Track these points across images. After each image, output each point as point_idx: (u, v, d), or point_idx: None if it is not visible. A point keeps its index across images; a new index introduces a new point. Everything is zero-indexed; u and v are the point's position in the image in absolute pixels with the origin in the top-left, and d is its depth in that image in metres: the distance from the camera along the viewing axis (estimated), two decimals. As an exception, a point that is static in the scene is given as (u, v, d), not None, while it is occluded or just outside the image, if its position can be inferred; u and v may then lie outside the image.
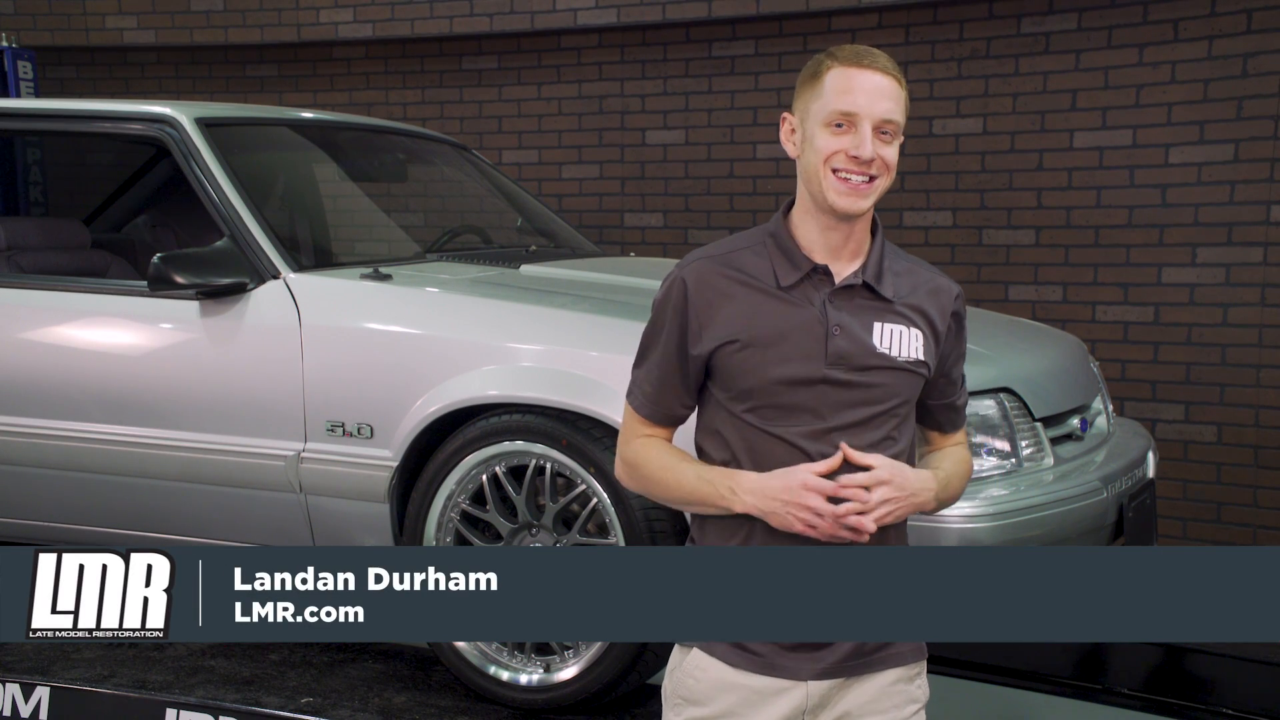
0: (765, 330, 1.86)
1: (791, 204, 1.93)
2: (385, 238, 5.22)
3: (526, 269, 3.58)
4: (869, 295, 1.89)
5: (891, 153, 1.85)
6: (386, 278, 3.28)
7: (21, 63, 5.85)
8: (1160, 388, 5.01)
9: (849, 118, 1.82)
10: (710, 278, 1.90)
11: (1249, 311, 4.82)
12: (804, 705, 1.89)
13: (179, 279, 3.21)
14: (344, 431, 3.14)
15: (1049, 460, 2.98)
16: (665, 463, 1.93)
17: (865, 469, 1.82)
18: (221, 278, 3.24)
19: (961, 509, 2.67)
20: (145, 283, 3.33)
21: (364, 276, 3.28)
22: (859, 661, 1.89)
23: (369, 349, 3.14)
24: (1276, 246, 4.77)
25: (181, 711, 3.09)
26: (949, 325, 1.95)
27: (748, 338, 1.86)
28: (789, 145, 1.92)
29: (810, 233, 1.89)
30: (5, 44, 5.84)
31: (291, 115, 4.27)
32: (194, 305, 3.30)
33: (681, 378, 1.93)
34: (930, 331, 1.91)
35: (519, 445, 2.95)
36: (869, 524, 1.81)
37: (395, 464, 3.08)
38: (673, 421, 1.99)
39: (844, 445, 1.83)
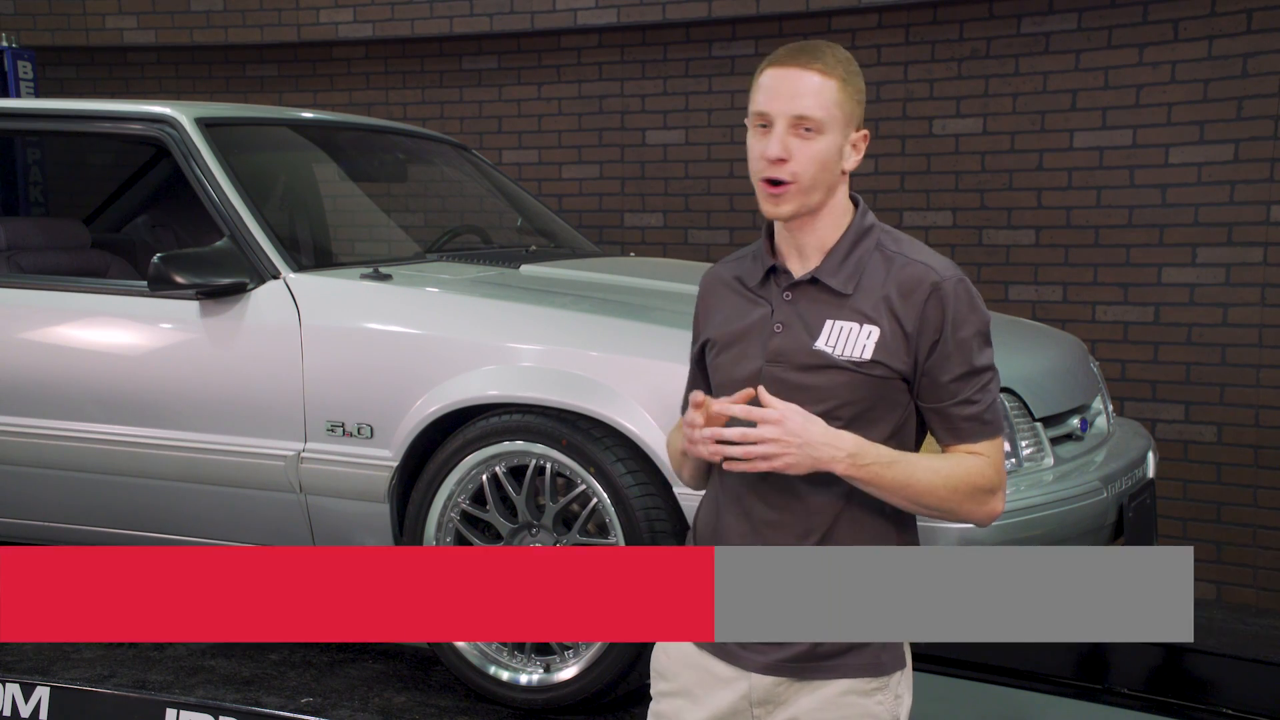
0: (730, 330, 1.92)
1: None
2: (385, 238, 5.22)
3: (526, 269, 3.58)
4: (825, 292, 1.86)
5: (811, 151, 1.79)
6: (386, 278, 3.28)
7: (21, 63, 5.84)
8: (1160, 388, 5.01)
9: (765, 117, 1.81)
10: (712, 282, 2.01)
11: (1249, 311, 4.82)
12: (749, 696, 1.90)
13: (179, 279, 3.21)
14: (344, 431, 3.14)
15: (1049, 460, 2.98)
16: (671, 436, 2.06)
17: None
18: (221, 278, 3.24)
19: (961, 509, 2.67)
20: (145, 283, 3.33)
21: (364, 276, 3.29)
22: (807, 665, 1.87)
23: (369, 349, 3.14)
24: (1276, 246, 4.77)
25: (181, 711, 3.09)
26: (925, 320, 1.82)
27: (717, 337, 1.95)
28: None
29: (778, 235, 1.92)
30: (5, 44, 5.84)
31: (291, 115, 4.27)
32: (194, 305, 3.30)
33: (703, 375, 2.02)
34: (895, 328, 1.82)
35: (519, 445, 2.95)
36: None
37: (395, 464, 3.08)
38: None
39: (759, 388, 1.79)
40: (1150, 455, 3.42)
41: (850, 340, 1.83)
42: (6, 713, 3.22)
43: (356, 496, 3.14)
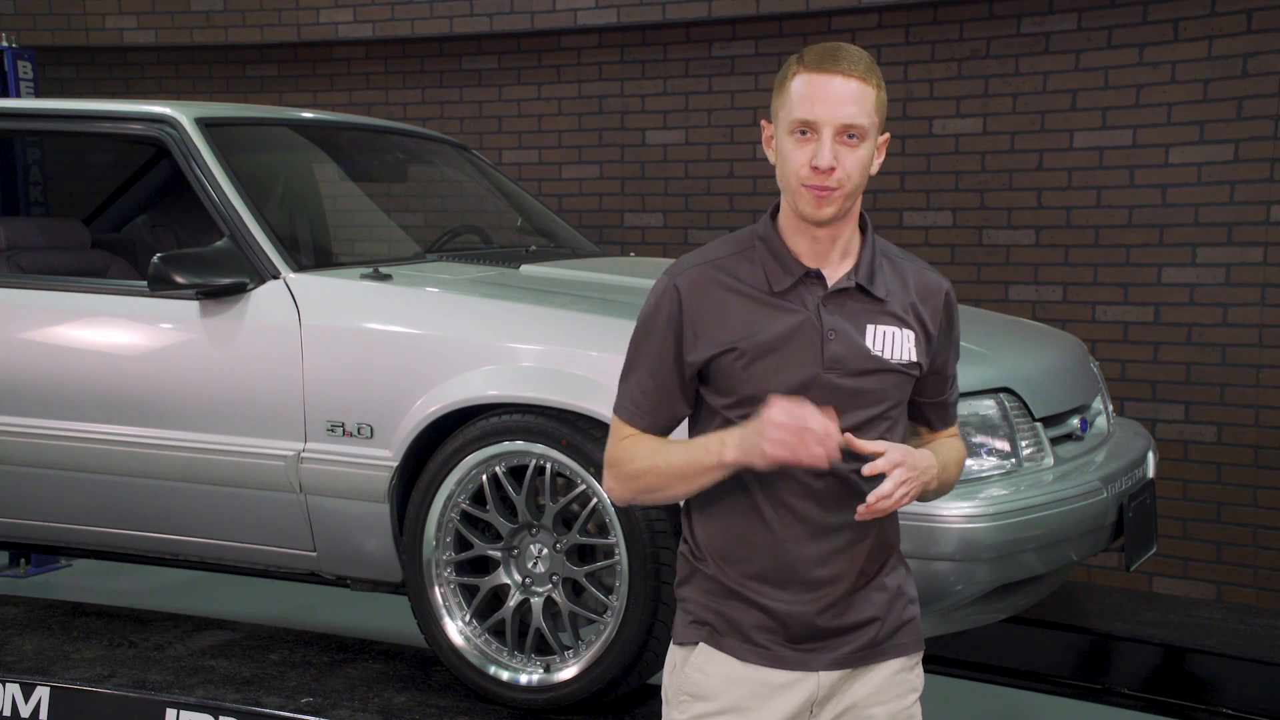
0: (762, 337, 1.85)
1: (778, 207, 1.92)
2: (385, 238, 5.22)
3: (526, 269, 3.58)
4: (862, 297, 1.88)
5: (856, 158, 1.81)
6: (386, 278, 3.28)
7: (21, 63, 5.83)
8: (1160, 388, 5.01)
9: (810, 125, 1.80)
10: (703, 285, 1.89)
11: (1249, 311, 4.82)
12: (814, 696, 1.91)
13: (179, 279, 3.21)
14: (344, 431, 3.14)
15: (1049, 460, 2.98)
16: (654, 447, 1.91)
17: (874, 456, 1.81)
18: (221, 278, 3.24)
19: (962, 509, 2.67)
20: (145, 283, 3.32)
21: (364, 276, 3.28)
22: (869, 651, 1.92)
23: (369, 349, 3.14)
24: (1276, 246, 4.77)
25: (181, 711, 3.09)
26: (940, 323, 1.94)
27: (745, 345, 1.85)
28: (769, 153, 1.91)
29: (795, 237, 1.88)
30: (5, 44, 5.83)
31: (291, 115, 4.27)
32: (194, 305, 3.30)
33: (680, 384, 1.92)
34: (922, 331, 1.91)
35: (519, 445, 2.95)
36: (835, 453, 1.76)
37: (395, 464, 3.08)
38: (668, 428, 1.97)
39: (849, 436, 1.80)
40: (1150, 455, 3.42)
41: (896, 344, 1.88)
42: (6, 713, 3.22)
43: (356, 496, 3.14)
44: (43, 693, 3.21)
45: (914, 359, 1.89)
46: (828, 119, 1.79)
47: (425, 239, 4.37)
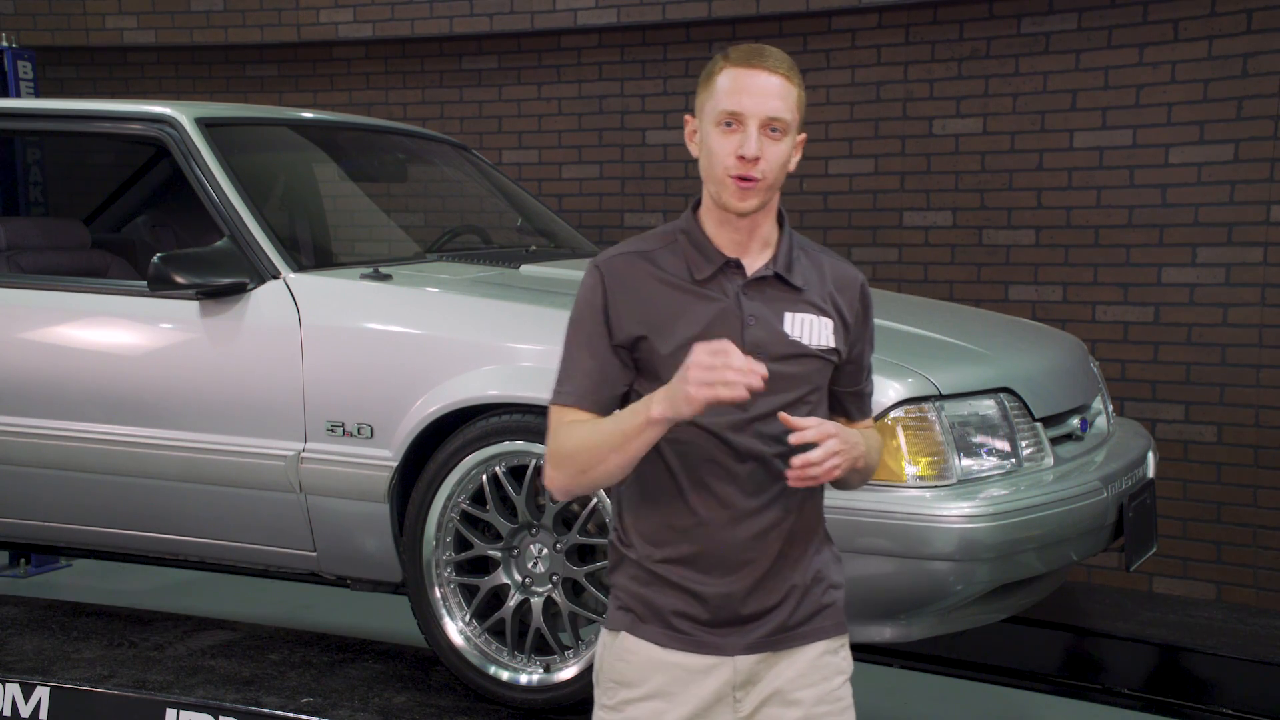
0: (683, 324, 1.91)
1: (699, 202, 1.98)
2: (385, 238, 5.22)
3: (526, 269, 3.58)
4: (780, 286, 1.95)
5: (777, 151, 1.88)
6: (386, 278, 3.28)
7: (21, 63, 5.83)
8: (1160, 388, 5.01)
9: (736, 117, 1.87)
10: (627, 272, 1.95)
11: (1249, 311, 4.82)
12: (733, 680, 1.96)
13: (179, 279, 3.21)
14: (344, 431, 3.14)
15: (1049, 460, 2.98)
16: (588, 427, 1.92)
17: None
18: (221, 278, 3.24)
19: (962, 509, 2.67)
20: (145, 283, 3.32)
21: (364, 276, 3.28)
22: (783, 635, 1.96)
23: (369, 349, 3.14)
24: (1276, 246, 4.77)
25: (181, 711, 3.09)
26: (857, 313, 2.01)
27: (667, 332, 1.91)
28: (691, 146, 1.97)
29: (716, 229, 1.95)
30: (5, 44, 5.83)
31: (291, 115, 4.27)
32: (194, 305, 3.30)
33: (619, 361, 1.95)
34: (839, 319, 1.97)
35: (519, 445, 2.95)
36: (758, 382, 1.75)
37: (395, 464, 3.08)
38: (610, 407, 1.97)
39: (782, 414, 1.86)
40: (1150, 455, 3.42)
41: (814, 330, 1.95)
42: (6, 713, 3.22)
43: (356, 496, 3.14)
44: (43, 693, 3.21)
45: (832, 345, 1.96)
46: (754, 110, 1.86)
47: (425, 239, 4.38)
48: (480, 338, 3.04)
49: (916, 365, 2.81)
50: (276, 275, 3.28)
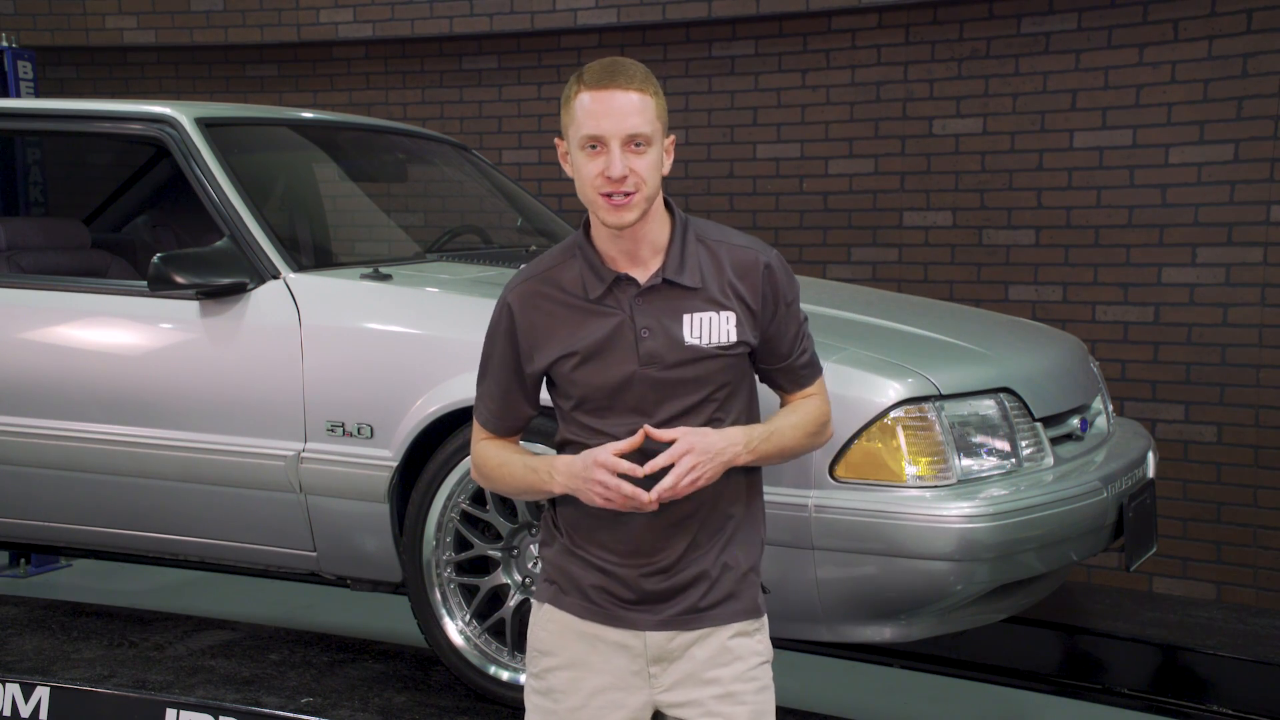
0: (585, 343, 2.01)
1: (589, 220, 2.06)
2: (385, 238, 5.22)
3: (526, 269, 3.58)
4: (674, 290, 2.01)
5: (645, 162, 1.95)
6: (386, 278, 3.28)
7: (21, 63, 5.83)
8: (1160, 388, 5.01)
9: (598, 139, 1.94)
10: (532, 299, 2.07)
11: (1249, 311, 4.82)
12: (644, 654, 2.05)
13: (179, 279, 3.21)
14: (344, 431, 3.14)
15: (1049, 460, 2.98)
16: (501, 459, 2.14)
17: (669, 443, 1.96)
18: (221, 278, 3.24)
19: (962, 509, 2.67)
20: (145, 283, 3.32)
21: (364, 276, 3.28)
22: (694, 615, 2.05)
23: (369, 349, 3.14)
24: (1276, 246, 4.77)
25: (181, 711, 3.09)
26: (765, 295, 2.04)
27: (571, 351, 2.03)
28: (565, 168, 2.05)
29: (606, 243, 2.03)
30: (5, 44, 5.83)
31: (291, 115, 4.27)
32: (194, 305, 3.30)
33: (523, 392, 2.13)
34: (744, 308, 2.02)
35: (519, 445, 2.94)
36: (648, 497, 1.95)
37: (395, 464, 3.08)
38: (515, 431, 2.19)
39: (646, 427, 1.98)
40: (1150, 455, 3.42)
41: (713, 328, 2.01)
42: (6, 713, 3.22)
43: (356, 496, 3.14)
44: (43, 693, 3.21)
45: (733, 339, 2.01)
46: (613, 131, 1.93)
47: (425, 239, 4.37)
48: (480, 338, 3.03)
49: (916, 365, 2.81)
50: (276, 275, 3.28)
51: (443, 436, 3.05)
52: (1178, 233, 4.94)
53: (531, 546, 3.02)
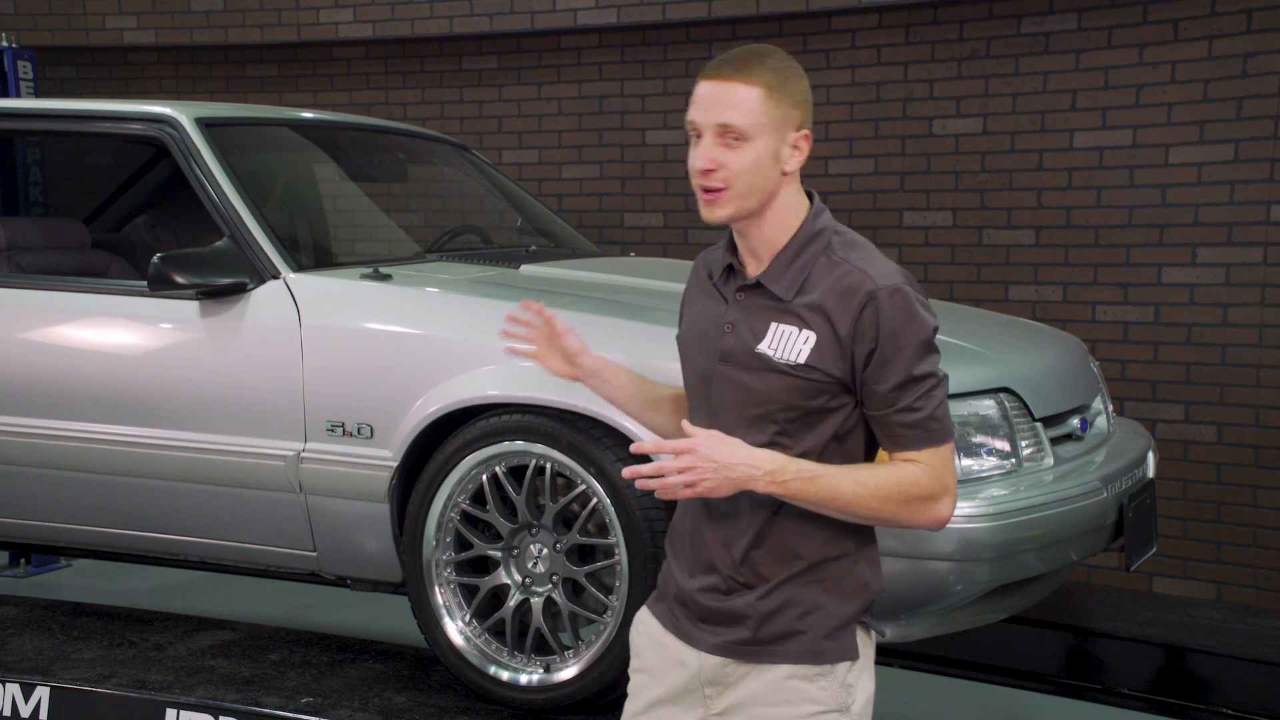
0: (695, 321, 2.00)
1: None
2: (385, 238, 5.22)
3: (526, 269, 3.58)
4: (769, 295, 1.90)
5: (738, 158, 1.84)
6: (386, 278, 3.28)
7: (21, 63, 5.83)
8: (1160, 388, 5.01)
9: (695, 128, 1.88)
10: (697, 267, 2.08)
11: (1249, 311, 4.82)
12: (699, 675, 1.98)
13: (179, 279, 3.21)
14: (344, 431, 3.14)
15: (1049, 460, 2.98)
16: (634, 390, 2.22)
17: None
18: (221, 278, 3.24)
19: (962, 509, 2.66)
20: (145, 283, 3.32)
21: (364, 276, 3.28)
22: (750, 648, 1.94)
23: (369, 349, 3.14)
24: (1276, 246, 4.77)
25: (181, 711, 3.09)
26: (859, 328, 1.84)
27: (686, 327, 2.04)
28: None
29: (735, 234, 1.97)
30: (5, 44, 5.83)
31: (291, 115, 4.27)
32: (194, 305, 3.30)
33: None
34: (830, 334, 1.85)
35: (519, 445, 2.94)
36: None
37: (395, 464, 3.08)
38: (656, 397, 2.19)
39: (684, 422, 1.88)
40: (1150, 455, 3.42)
41: (789, 344, 1.86)
42: (6, 713, 3.22)
43: (356, 496, 3.14)
44: (43, 693, 3.21)
45: (803, 361, 1.84)
46: (706, 121, 1.86)
47: (425, 239, 4.37)
48: (480, 338, 3.04)
49: (916, 365, 2.81)
50: (276, 275, 3.28)
51: (443, 436, 3.05)
52: (1178, 233, 4.94)
53: (531, 546, 3.02)
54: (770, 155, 1.86)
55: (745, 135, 1.83)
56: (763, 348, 1.87)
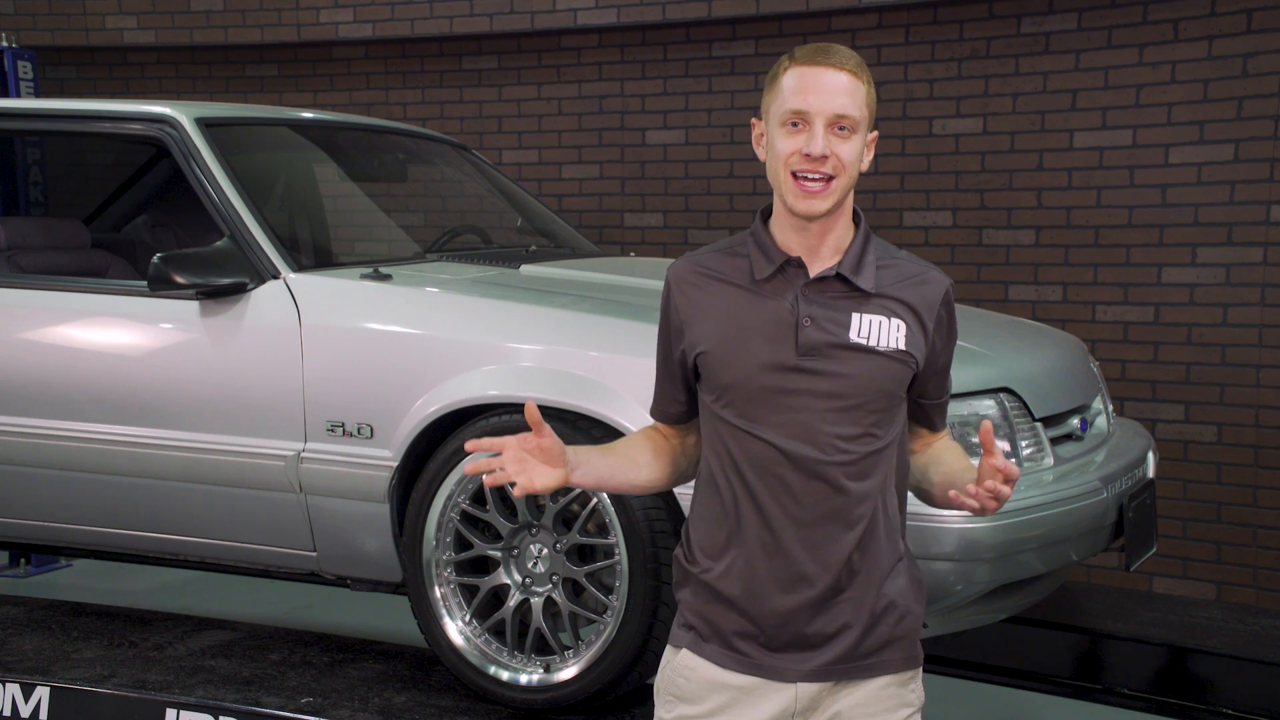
0: (739, 324, 1.88)
1: (769, 209, 1.95)
2: (385, 238, 5.22)
3: (526, 269, 3.58)
4: (845, 288, 1.88)
5: (848, 149, 1.83)
6: (386, 278, 3.28)
7: (21, 63, 5.83)
8: (1160, 388, 5.01)
9: (802, 116, 1.83)
10: (690, 276, 1.95)
11: (1249, 311, 4.82)
12: (793, 707, 1.90)
13: (179, 279, 3.21)
14: (344, 431, 3.14)
15: (1049, 460, 2.98)
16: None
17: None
18: (221, 278, 3.24)
19: (962, 509, 2.67)
20: (145, 283, 3.32)
21: (364, 276, 3.28)
22: (849, 665, 1.89)
23: (369, 349, 3.14)
24: (1276, 246, 4.77)
25: (181, 711, 3.09)
26: (939, 318, 1.92)
27: (724, 333, 1.89)
28: (759, 150, 1.94)
29: (786, 234, 1.90)
30: (5, 44, 5.83)
31: (291, 115, 4.27)
32: (194, 305, 3.30)
33: (669, 375, 2.00)
34: (916, 323, 1.89)
35: (519, 445, 2.94)
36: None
37: (395, 464, 3.08)
38: (669, 419, 2.05)
39: (984, 424, 1.80)
40: (1150, 455, 3.42)
41: (882, 331, 1.86)
42: (6, 713, 3.22)
43: (356, 496, 3.14)
44: (43, 693, 3.21)
45: (902, 347, 1.86)
46: (820, 109, 1.82)
47: (425, 239, 4.37)
48: (480, 338, 3.04)
49: (916, 365, 2.81)
50: (276, 275, 3.28)
51: (443, 436, 3.05)
52: (1178, 233, 4.94)
53: (531, 546, 3.02)
54: (861, 150, 1.87)
55: (855, 127, 1.84)
56: (855, 337, 1.85)
